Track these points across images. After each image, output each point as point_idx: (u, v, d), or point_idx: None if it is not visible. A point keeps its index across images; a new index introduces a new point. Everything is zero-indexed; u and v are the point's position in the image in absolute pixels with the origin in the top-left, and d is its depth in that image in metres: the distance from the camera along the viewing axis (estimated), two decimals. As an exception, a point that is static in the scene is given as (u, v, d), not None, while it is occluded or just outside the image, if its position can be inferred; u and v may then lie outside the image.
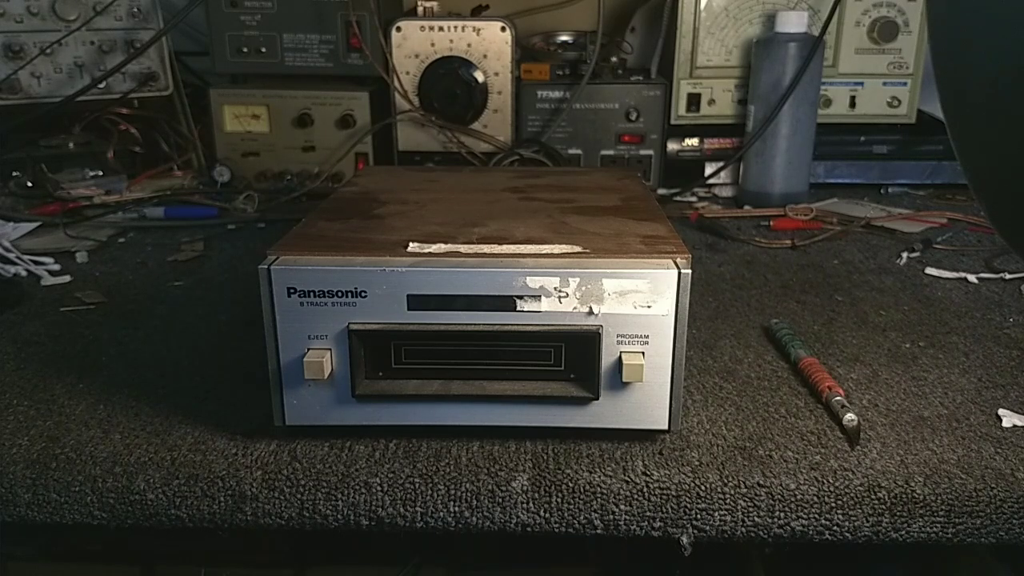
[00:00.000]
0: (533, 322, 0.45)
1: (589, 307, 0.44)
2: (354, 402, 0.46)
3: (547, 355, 0.46)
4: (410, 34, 1.02)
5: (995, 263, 0.79)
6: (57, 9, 0.99)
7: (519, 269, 0.44)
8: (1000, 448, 0.47)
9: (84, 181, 1.02)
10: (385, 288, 0.44)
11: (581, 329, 0.45)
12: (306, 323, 0.45)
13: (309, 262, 0.45)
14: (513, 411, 0.46)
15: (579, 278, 0.44)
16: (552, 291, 0.44)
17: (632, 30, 1.18)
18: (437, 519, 0.43)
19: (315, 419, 0.46)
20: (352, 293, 0.44)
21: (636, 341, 0.45)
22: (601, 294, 0.44)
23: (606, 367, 0.45)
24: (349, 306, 0.44)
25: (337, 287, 0.44)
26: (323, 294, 0.44)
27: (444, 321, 0.45)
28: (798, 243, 0.86)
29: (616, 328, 0.44)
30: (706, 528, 0.44)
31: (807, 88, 0.97)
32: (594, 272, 0.44)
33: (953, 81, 0.34)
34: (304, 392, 0.46)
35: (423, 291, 0.44)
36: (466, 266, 0.44)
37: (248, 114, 1.06)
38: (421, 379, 0.46)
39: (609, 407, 0.46)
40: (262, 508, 0.44)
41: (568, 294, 0.44)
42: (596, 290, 0.44)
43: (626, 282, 0.44)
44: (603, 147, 1.07)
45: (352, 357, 0.44)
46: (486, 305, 0.44)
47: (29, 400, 0.53)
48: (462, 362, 0.46)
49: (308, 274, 0.44)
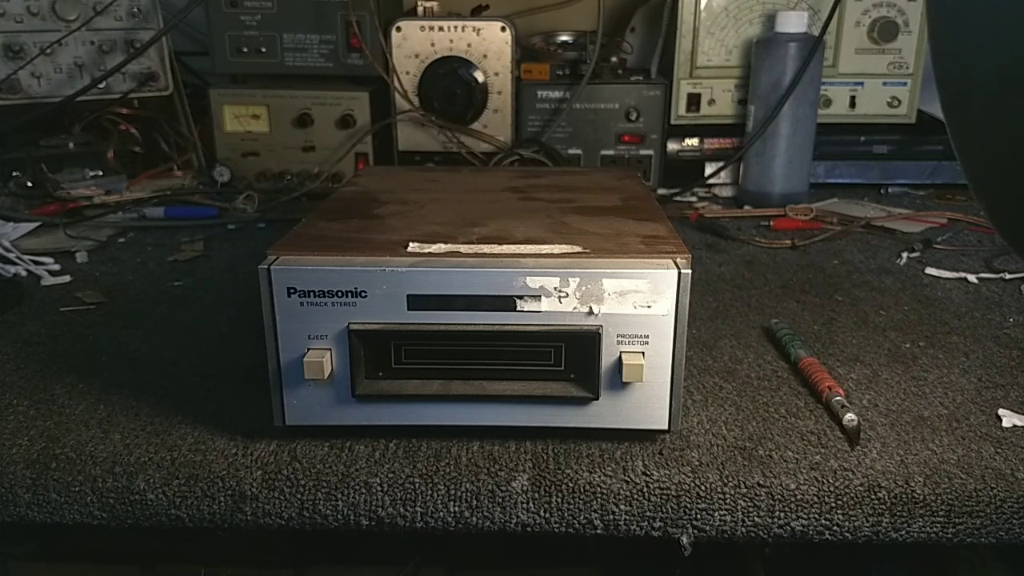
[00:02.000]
0: (533, 322, 0.45)
1: (589, 307, 0.44)
2: (354, 402, 0.46)
3: (547, 355, 0.46)
4: (410, 34, 1.02)
5: (995, 263, 0.79)
6: (57, 9, 0.99)
7: (519, 269, 0.44)
8: (1000, 448, 0.47)
9: (84, 181, 1.02)
10: (385, 288, 0.44)
11: (581, 329, 0.44)
12: (306, 323, 0.45)
13: (309, 262, 0.45)
14: (513, 411, 0.46)
15: (579, 278, 0.44)
16: (552, 291, 0.44)
17: (632, 30, 1.18)
18: (437, 519, 0.43)
19: (315, 419, 0.46)
20: (352, 293, 0.44)
21: (636, 341, 0.45)
22: (601, 294, 0.44)
23: (606, 367, 0.45)
24: (349, 306, 0.44)
25: (337, 287, 0.44)
26: (323, 294, 0.44)
27: (444, 321, 0.45)
28: (798, 243, 0.86)
29: (616, 328, 0.44)
30: (706, 528, 0.44)
31: (807, 88, 0.97)
32: (594, 272, 0.44)
33: (953, 81, 0.34)
34: (304, 392, 0.46)
35: (423, 291, 0.44)
36: (466, 266, 0.44)
37: (248, 114, 1.06)
38: (421, 379, 0.46)
39: (609, 407, 0.46)
40: (262, 508, 0.44)
41: (568, 294, 0.44)
42: (596, 290, 0.44)
43: (626, 282, 0.44)
44: (603, 147, 1.07)
45: (352, 357, 0.44)
46: (486, 305, 0.44)
47: (29, 400, 0.53)
48: (462, 362, 0.46)
49: (308, 274, 0.44)
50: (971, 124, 0.34)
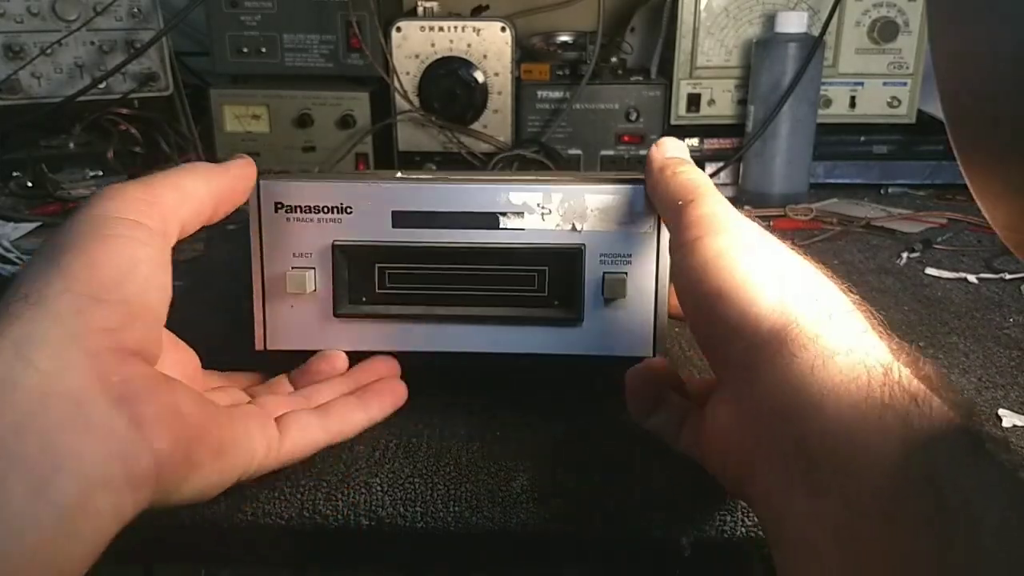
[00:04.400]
0: (517, 240, 0.44)
1: (572, 224, 0.44)
2: (336, 323, 0.46)
3: (531, 280, 0.45)
4: (410, 34, 1.02)
5: (995, 263, 0.79)
6: (57, 9, 0.99)
7: (502, 186, 0.44)
8: (1000, 448, 0.47)
9: (84, 181, 1.02)
10: (370, 204, 0.44)
11: (564, 247, 0.44)
12: (292, 239, 0.45)
13: (298, 181, 0.45)
14: (497, 335, 0.46)
15: (562, 194, 0.44)
16: (535, 207, 0.44)
17: (632, 30, 1.19)
18: (437, 519, 0.43)
19: (296, 343, 0.46)
20: (338, 209, 0.44)
21: (619, 260, 0.45)
22: (584, 211, 0.44)
23: (590, 291, 0.45)
24: (335, 222, 0.44)
25: (323, 203, 0.44)
26: (309, 209, 0.44)
27: (428, 240, 0.45)
28: (798, 243, 0.86)
29: (599, 247, 0.44)
30: (706, 528, 0.44)
31: (807, 88, 0.97)
32: (577, 188, 0.44)
33: (953, 81, 0.34)
34: (286, 313, 0.45)
35: (407, 207, 0.44)
36: (451, 183, 0.45)
37: (248, 114, 1.06)
38: (404, 304, 0.46)
39: (593, 332, 0.45)
40: (262, 508, 0.44)
41: (551, 210, 0.44)
42: (579, 206, 0.44)
43: (608, 198, 0.44)
44: (603, 147, 1.07)
45: (336, 275, 0.45)
46: (469, 222, 0.44)
47: (29, 400, 0.53)
48: (446, 286, 0.46)
49: (296, 190, 0.44)
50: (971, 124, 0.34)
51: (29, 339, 0.30)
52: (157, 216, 0.37)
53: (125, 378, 0.32)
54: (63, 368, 0.30)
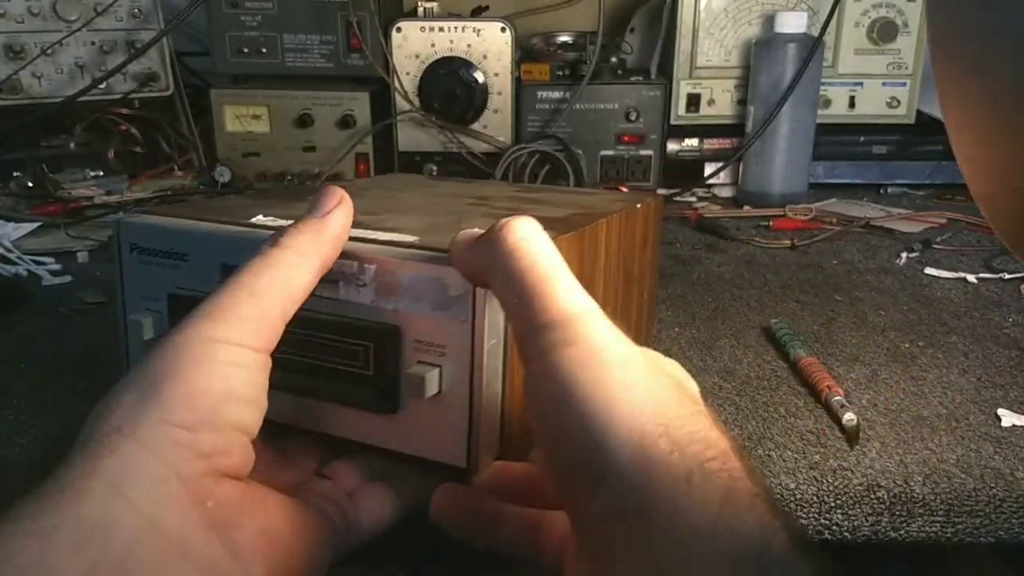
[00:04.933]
0: (333, 311, 0.39)
1: (384, 301, 0.38)
2: None
3: (356, 355, 0.39)
4: (410, 34, 1.02)
5: (995, 263, 0.79)
6: (58, 9, 0.99)
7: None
8: (999, 448, 0.47)
9: (85, 181, 1.03)
10: (202, 254, 0.41)
11: (380, 325, 0.38)
12: (142, 283, 0.43)
13: (154, 220, 0.43)
14: (320, 412, 0.40)
15: (376, 266, 0.38)
16: (349, 277, 0.38)
17: (632, 30, 1.19)
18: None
19: None
20: (176, 256, 0.42)
21: (432, 350, 0.37)
22: (396, 287, 0.37)
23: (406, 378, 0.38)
24: (174, 268, 0.42)
25: (164, 247, 0.42)
26: (154, 253, 0.42)
27: None
28: (798, 243, 0.86)
29: (414, 332, 0.37)
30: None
31: (807, 88, 0.97)
32: (392, 262, 0.37)
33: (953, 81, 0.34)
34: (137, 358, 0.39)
35: (237, 261, 0.37)
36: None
37: (248, 114, 1.06)
38: None
39: (409, 427, 0.38)
40: (262, 508, 0.44)
41: (365, 283, 0.38)
42: (391, 282, 0.37)
43: (422, 277, 0.37)
44: (603, 147, 1.07)
45: (172, 325, 0.36)
46: None
47: (29, 400, 0.53)
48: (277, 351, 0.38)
49: (146, 231, 0.42)
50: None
51: (125, 476, 0.30)
52: (265, 335, 0.34)
53: (219, 501, 0.31)
54: (161, 504, 0.30)
